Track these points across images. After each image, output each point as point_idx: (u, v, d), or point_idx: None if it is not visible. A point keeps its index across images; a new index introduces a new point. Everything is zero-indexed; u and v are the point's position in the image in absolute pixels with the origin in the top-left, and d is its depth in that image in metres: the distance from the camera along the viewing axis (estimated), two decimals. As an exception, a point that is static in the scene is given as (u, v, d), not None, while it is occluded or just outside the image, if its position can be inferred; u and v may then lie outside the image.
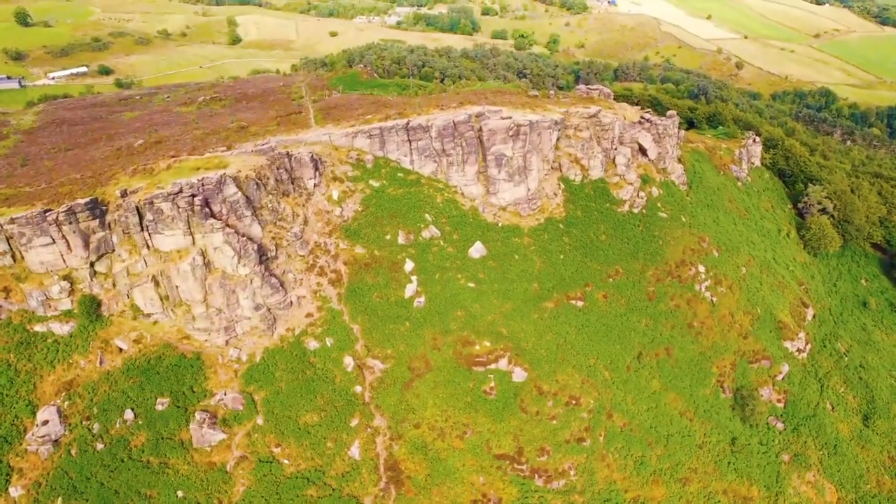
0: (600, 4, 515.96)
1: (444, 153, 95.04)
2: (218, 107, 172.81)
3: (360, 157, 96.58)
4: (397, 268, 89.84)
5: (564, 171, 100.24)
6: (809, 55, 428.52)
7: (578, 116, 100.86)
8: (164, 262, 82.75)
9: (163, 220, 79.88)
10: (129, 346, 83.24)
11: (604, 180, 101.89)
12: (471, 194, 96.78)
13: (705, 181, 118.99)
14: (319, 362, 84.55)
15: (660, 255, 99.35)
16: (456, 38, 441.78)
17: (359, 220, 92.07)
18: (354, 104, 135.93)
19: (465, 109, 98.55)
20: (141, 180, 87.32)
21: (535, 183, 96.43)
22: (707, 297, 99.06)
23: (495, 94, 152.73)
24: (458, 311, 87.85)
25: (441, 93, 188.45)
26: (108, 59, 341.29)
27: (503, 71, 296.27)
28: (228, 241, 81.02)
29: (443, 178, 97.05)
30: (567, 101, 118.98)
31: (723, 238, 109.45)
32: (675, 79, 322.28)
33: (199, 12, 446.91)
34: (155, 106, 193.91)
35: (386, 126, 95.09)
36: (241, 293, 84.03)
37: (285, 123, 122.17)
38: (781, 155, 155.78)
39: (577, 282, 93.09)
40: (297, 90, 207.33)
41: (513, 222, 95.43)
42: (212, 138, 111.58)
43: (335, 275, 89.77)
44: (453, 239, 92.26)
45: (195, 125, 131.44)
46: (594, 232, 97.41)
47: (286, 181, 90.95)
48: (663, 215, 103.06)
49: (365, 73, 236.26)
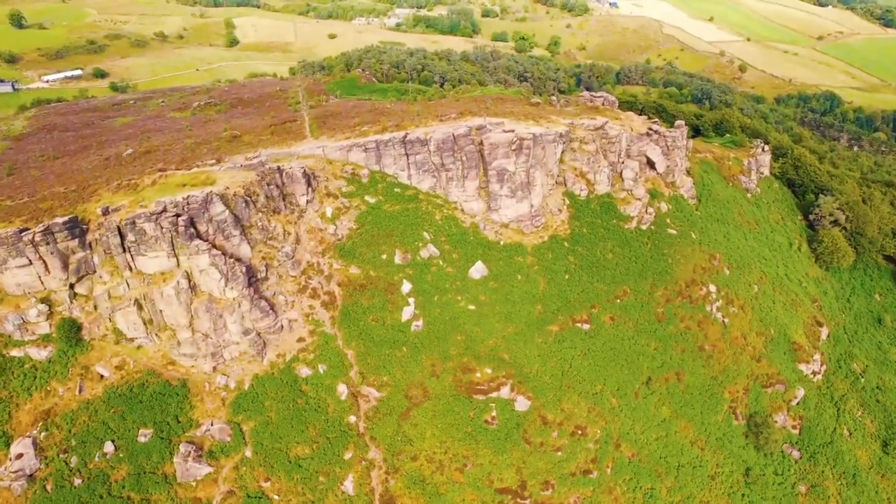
0: (601, 6, 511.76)
1: (444, 168, 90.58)
2: (213, 112, 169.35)
3: (356, 171, 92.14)
4: (394, 289, 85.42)
5: (569, 185, 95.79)
6: (813, 58, 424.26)
7: (584, 129, 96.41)
8: (147, 284, 78.29)
9: (145, 241, 75.46)
10: (111, 372, 78.82)
11: (610, 195, 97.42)
12: (471, 210, 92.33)
13: (715, 194, 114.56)
14: (311, 390, 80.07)
15: (669, 274, 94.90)
16: (456, 41, 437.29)
17: (354, 238, 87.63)
18: (351, 112, 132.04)
19: (465, 121, 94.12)
20: (124, 197, 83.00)
21: (539, 199, 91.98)
22: (718, 319, 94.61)
23: (496, 101, 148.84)
24: (458, 336, 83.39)
25: (440, 98, 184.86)
26: (104, 61, 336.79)
27: (504, 74, 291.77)
28: (215, 264, 76.56)
29: (442, 193, 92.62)
30: (571, 110, 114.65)
31: (734, 254, 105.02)
32: (678, 82, 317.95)
33: (197, 14, 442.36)
34: (149, 111, 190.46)
35: (382, 139, 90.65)
36: (229, 317, 79.59)
37: (279, 132, 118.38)
38: (791, 164, 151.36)
39: (583, 303, 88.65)
40: (294, 95, 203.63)
41: (515, 240, 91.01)
42: (202, 148, 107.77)
43: (328, 297, 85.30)
44: (453, 258, 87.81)
45: (187, 132, 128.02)
46: (601, 250, 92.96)
47: (277, 198, 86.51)
48: (673, 232, 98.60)
49: (363, 78, 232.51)
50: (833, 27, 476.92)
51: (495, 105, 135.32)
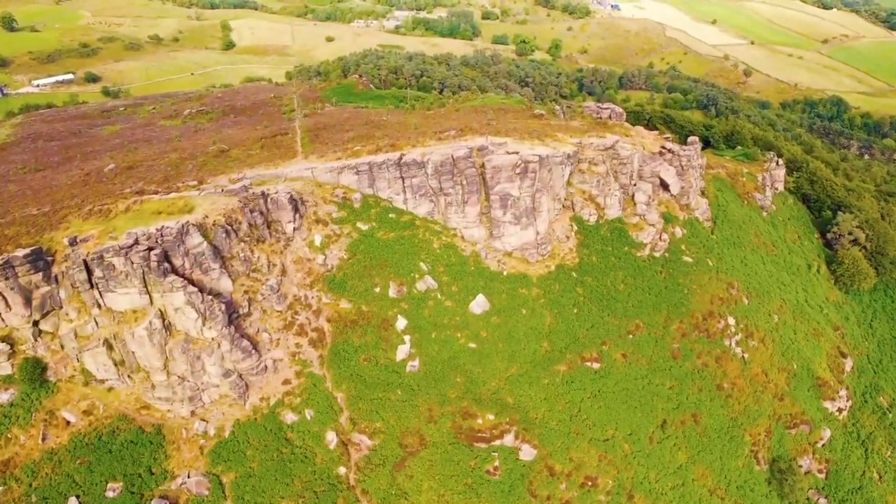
0: (603, 9, 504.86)
1: (442, 192, 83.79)
2: (204, 121, 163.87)
3: (347, 195, 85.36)
4: (388, 325, 78.61)
5: (577, 210, 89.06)
6: (818, 61, 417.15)
7: (593, 148, 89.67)
8: (117, 323, 71.55)
9: (115, 277, 68.72)
10: (78, 418, 72.08)
11: (621, 220, 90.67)
12: (472, 238, 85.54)
13: (730, 214, 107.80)
14: (298, 438, 73.30)
15: (685, 305, 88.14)
16: (456, 44, 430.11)
17: (344, 269, 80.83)
18: (345, 124, 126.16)
19: (465, 141, 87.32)
20: (94, 225, 76.29)
21: (545, 225, 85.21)
22: (738, 354, 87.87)
23: (497, 112, 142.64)
24: (458, 377, 76.60)
25: (439, 107, 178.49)
26: (97, 65, 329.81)
27: (505, 80, 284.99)
28: (191, 302, 69.76)
29: (440, 219, 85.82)
30: (578, 125, 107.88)
31: (752, 282, 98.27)
32: (683, 88, 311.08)
33: (193, 16, 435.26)
34: (139, 118, 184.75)
35: (376, 161, 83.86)
36: (208, 359, 72.83)
37: (269, 146, 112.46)
38: (806, 178, 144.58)
39: (593, 340, 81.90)
40: (289, 102, 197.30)
41: (519, 270, 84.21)
42: (187, 164, 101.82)
43: (317, 334, 78.49)
44: (452, 291, 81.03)
45: (175, 144, 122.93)
46: (611, 280, 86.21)
47: (261, 226, 79.73)
48: (688, 259, 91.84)
49: (360, 84, 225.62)
50: (838, 30, 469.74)
51: (497, 117, 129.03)
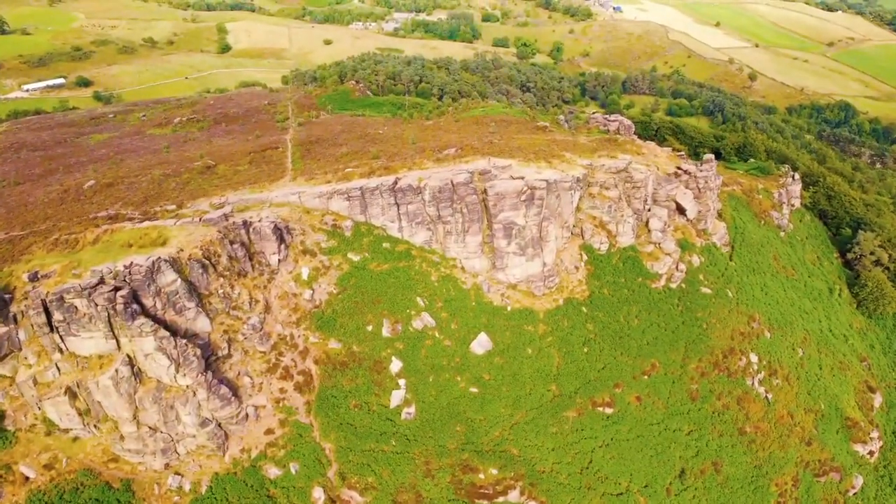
0: (605, 11, 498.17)
1: (441, 219, 76.92)
2: (195, 129, 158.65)
3: (338, 222, 78.49)
4: (381, 368, 71.79)
5: (587, 238, 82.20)
6: (824, 65, 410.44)
7: (604, 171, 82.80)
8: (81, 370, 64.69)
9: (77, 320, 61.90)
10: (38, 473, 65.27)
11: (635, 248, 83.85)
12: (473, 269, 78.66)
13: (748, 237, 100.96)
14: (281, 495, 66.44)
15: (703, 342, 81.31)
16: (456, 46, 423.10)
17: (334, 305, 73.96)
18: (339, 137, 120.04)
19: (466, 163, 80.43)
20: (59, 258, 69.44)
21: (553, 255, 78.37)
22: (761, 394, 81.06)
23: (500, 124, 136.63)
24: (458, 426, 69.73)
25: (439, 116, 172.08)
26: (89, 69, 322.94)
27: (506, 85, 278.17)
28: (162, 348, 62.90)
29: (439, 248, 78.95)
30: (585, 141, 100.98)
31: (774, 312, 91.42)
32: (688, 93, 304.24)
33: (188, 18, 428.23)
34: (128, 126, 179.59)
35: (368, 186, 76.97)
36: (182, 408, 65.97)
37: (258, 162, 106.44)
38: (823, 193, 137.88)
39: (605, 382, 75.03)
40: (284, 109, 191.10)
41: (525, 305, 77.36)
42: (170, 183, 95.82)
43: (303, 377, 71.62)
44: (451, 329, 74.17)
45: (162, 156, 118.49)
46: (624, 315, 79.36)
47: (242, 258, 72.85)
48: (706, 291, 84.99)
49: (357, 91, 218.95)
50: (843, 33, 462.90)
51: (499, 130, 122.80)
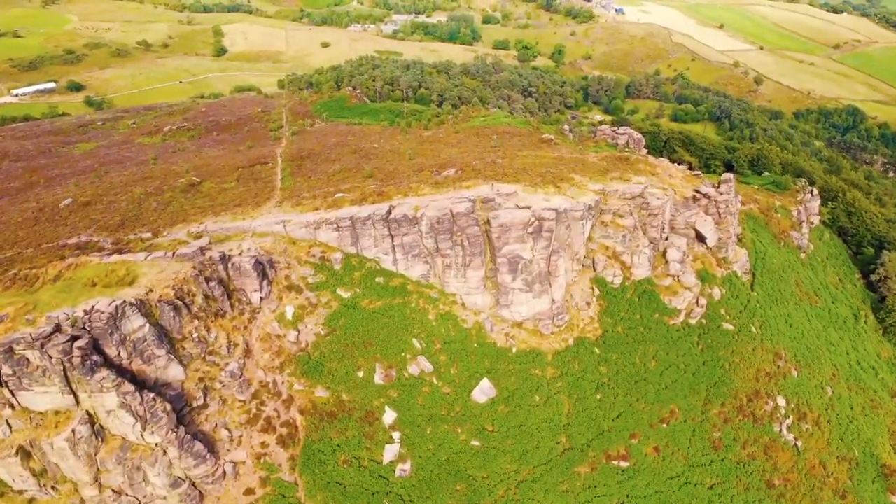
0: (607, 13, 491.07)
1: (439, 252, 70.02)
2: (185, 138, 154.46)
3: (326, 254, 71.57)
4: (373, 419, 64.90)
5: (599, 270, 75.29)
6: (830, 68, 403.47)
7: (618, 197, 75.88)
8: (35, 427, 57.77)
9: (29, 373, 55.03)
10: (-12, 542, 58.47)
11: (651, 281, 76.96)
12: (475, 305, 71.77)
13: (769, 263, 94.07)
14: (261, 565, 59.67)
15: (726, 384, 74.42)
16: (455, 49, 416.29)
17: (321, 348, 67.06)
18: (333, 151, 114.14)
19: (467, 189, 73.47)
20: (14, 297, 62.33)
21: (562, 291, 71.45)
22: (790, 441, 74.15)
23: (502, 135, 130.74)
24: (458, 485, 62.83)
25: (438, 125, 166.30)
26: (81, 73, 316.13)
27: (507, 90, 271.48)
28: (127, 404, 56.05)
29: (437, 283, 72.04)
30: (595, 159, 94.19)
31: (800, 347, 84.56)
32: (693, 98, 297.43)
33: (184, 21, 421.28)
34: (116, 135, 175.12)
35: (360, 216, 70.01)
36: (151, 469, 59.07)
37: (245, 179, 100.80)
38: (843, 209, 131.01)
39: (620, 432, 68.14)
40: (277, 116, 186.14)
41: (532, 345, 70.45)
42: (150, 203, 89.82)
43: (287, 429, 64.73)
44: (450, 375, 67.26)
45: (147, 169, 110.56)
46: (640, 356, 72.47)
47: (220, 297, 65.94)
48: (729, 327, 78.09)
49: (353, 97, 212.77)
50: (849, 35, 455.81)
51: (501, 143, 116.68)
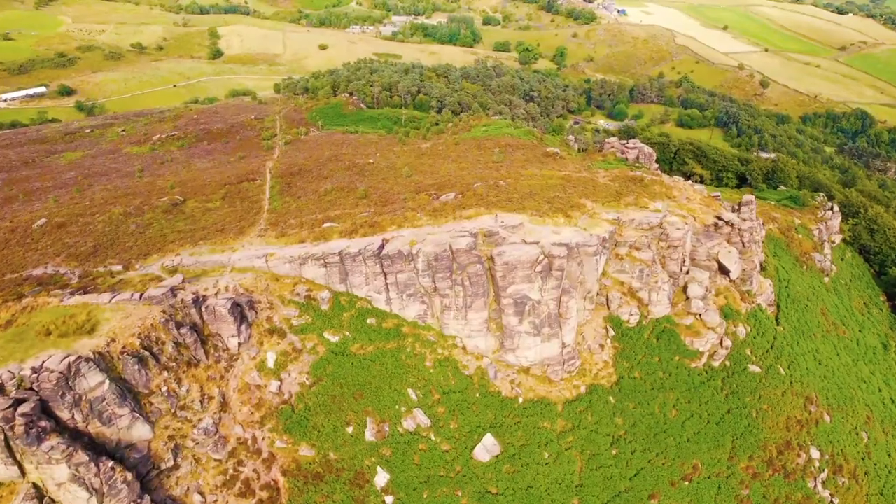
0: (609, 14, 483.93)
1: (437, 292, 63.11)
2: (175, 147, 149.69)
3: (312, 293, 64.63)
4: (364, 481, 57.99)
5: (614, 308, 68.40)
6: (836, 70, 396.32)
7: (635, 227, 68.90)
8: (-23, 500, 50.93)
9: (-33, 442, 48.16)
10: None
11: (671, 320, 70.04)
12: (477, 349, 64.86)
13: (793, 291, 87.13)
14: None
15: (754, 434, 67.50)
16: (455, 51, 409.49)
17: (306, 400, 60.14)
18: (325, 167, 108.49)
19: (468, 220, 66.44)
20: (-38, 347, 55.64)
21: (573, 334, 64.53)
22: (826, 499, 67.27)
23: (504, 148, 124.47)
24: (458, 558, 56.03)
25: (437, 134, 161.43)
26: (73, 77, 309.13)
27: (508, 94, 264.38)
28: (79, 477, 49.17)
29: (435, 324, 65.13)
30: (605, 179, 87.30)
31: (831, 387, 77.63)
32: (699, 102, 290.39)
33: (180, 22, 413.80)
34: (105, 143, 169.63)
35: (349, 251, 63.03)
36: (109, 545, 52.20)
37: (232, 198, 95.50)
38: (864, 227, 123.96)
39: (638, 492, 61.23)
40: (271, 124, 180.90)
41: (540, 394, 63.53)
42: (128, 225, 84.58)
43: (268, 493, 57.81)
44: (450, 430, 60.34)
45: (132, 183, 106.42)
46: (660, 405, 65.56)
47: (193, 345, 58.98)
48: (755, 369, 71.19)
49: (350, 104, 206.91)
50: (855, 37, 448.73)
51: (504, 157, 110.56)
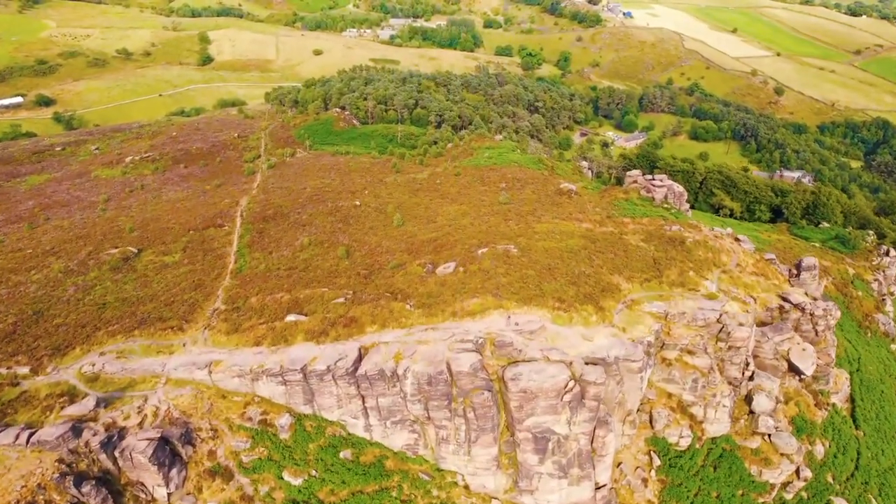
0: (615, 17, 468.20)
1: (432, 421, 47.81)
2: (148, 172, 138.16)
3: (269, 416, 49.26)
4: None
5: (659, 428, 53.17)
6: (853, 76, 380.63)
7: (686, 324, 53.59)
8: None
9: None
10: None
11: (731, 440, 54.77)
12: (483, 489, 49.57)
13: (866, 375, 71.71)
14: None
15: None
16: (456, 56, 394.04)
17: (256, 573, 44.96)
18: (304, 210, 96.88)
19: (471, 320, 50.88)
20: None
21: (609, 472, 49.28)
22: None
23: (512, 183, 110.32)
24: None
25: (435, 157, 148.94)
26: (53, 85, 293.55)
27: (511, 106, 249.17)
28: None
29: (429, 455, 49.82)
30: (641, 242, 71.86)
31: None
32: (713, 112, 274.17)
33: (169, 27, 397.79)
34: (73, 164, 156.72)
35: (315, 370, 47.58)
36: None
37: (193, 250, 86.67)
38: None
39: None
40: (256, 143, 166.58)
41: (566, 552, 48.38)
42: (65, 289, 76.00)
43: None
44: None
45: (90, 220, 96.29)
46: (722, 563, 50.47)
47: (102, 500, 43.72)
48: (841, 503, 56.00)
49: (341, 120, 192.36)
50: (870, 40, 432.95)
51: (512, 194, 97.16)
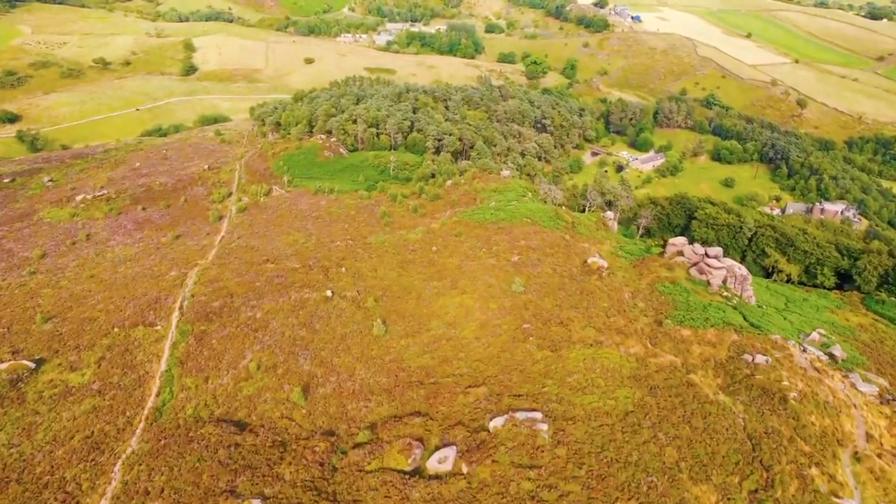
0: (623, 21, 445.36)
1: None
2: (100, 215, 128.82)
3: None
4: None
5: None
6: (878, 84, 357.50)
7: None
8: None
9: None
10: None
11: None
12: None
13: None
14: None
15: None
16: (455, 63, 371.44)
17: None
18: (258, 304, 79.47)
19: None
20: None
21: None
22: None
23: (523, 252, 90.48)
24: None
25: (432, 200, 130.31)
26: (20, 99, 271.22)
27: (517, 124, 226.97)
28: None
29: None
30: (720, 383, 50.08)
31: None
32: (736, 130, 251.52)
33: (152, 33, 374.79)
34: (20, 202, 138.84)
35: None
36: None
37: (108, 368, 71.73)
38: None
39: None
40: (228, 176, 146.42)
41: None
42: None
43: None
44: None
45: (8, 293, 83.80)
46: None
47: None
48: None
49: (327, 148, 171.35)
50: (893, 45, 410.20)
51: (524, 260, 78.00)
